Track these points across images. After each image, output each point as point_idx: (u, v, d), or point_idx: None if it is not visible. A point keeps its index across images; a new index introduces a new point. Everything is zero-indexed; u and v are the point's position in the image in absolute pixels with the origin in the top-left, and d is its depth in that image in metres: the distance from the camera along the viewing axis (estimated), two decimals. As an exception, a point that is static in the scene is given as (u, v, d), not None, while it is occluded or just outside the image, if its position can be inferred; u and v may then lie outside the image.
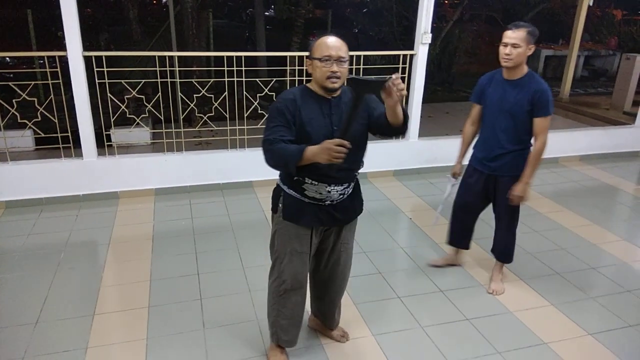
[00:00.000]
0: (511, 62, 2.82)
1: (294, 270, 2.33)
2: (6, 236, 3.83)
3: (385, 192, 4.89)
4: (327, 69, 2.03)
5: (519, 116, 2.89)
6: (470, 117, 3.25)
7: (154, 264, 3.49)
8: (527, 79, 2.88)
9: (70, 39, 4.06)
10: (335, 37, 2.07)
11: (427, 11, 4.82)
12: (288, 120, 2.06)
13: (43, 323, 2.83)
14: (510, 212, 3.13)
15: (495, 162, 3.03)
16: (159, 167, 4.66)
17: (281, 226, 2.29)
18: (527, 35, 2.78)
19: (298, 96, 2.11)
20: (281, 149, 2.02)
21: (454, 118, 7.89)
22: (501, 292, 3.23)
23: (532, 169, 2.93)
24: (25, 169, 4.32)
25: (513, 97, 2.88)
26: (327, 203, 2.23)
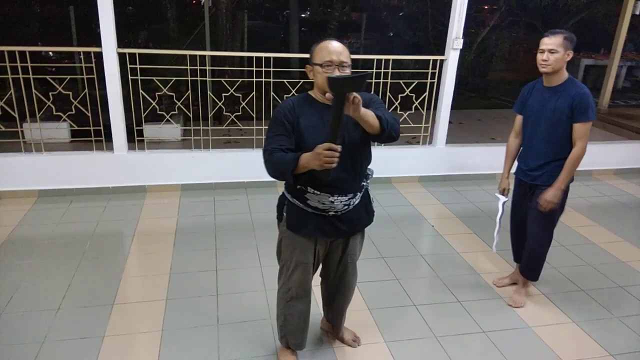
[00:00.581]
0: (549, 68, 2.77)
1: (299, 280, 2.32)
2: (37, 224, 3.97)
3: (408, 198, 4.84)
4: (329, 74, 1.95)
5: (559, 123, 2.82)
6: (514, 129, 3.17)
7: (174, 258, 3.55)
8: (567, 84, 2.82)
9: (105, 35, 4.19)
10: (336, 41, 2.03)
11: (459, 16, 4.76)
12: (287, 129, 2.04)
13: (64, 309, 2.92)
14: (542, 225, 3.01)
15: (536, 171, 2.95)
16: (186, 163, 4.75)
17: (285, 235, 2.28)
18: (564, 40, 2.73)
19: (297, 105, 2.08)
20: (278, 158, 1.99)
21: (485, 125, 7.75)
22: (520, 305, 3.14)
23: (567, 174, 2.83)
24: (58, 160, 4.47)
25: (553, 104, 2.82)
26: (331, 214, 2.18)
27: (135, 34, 10.94)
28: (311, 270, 2.34)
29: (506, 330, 2.93)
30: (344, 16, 12.27)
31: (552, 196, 2.85)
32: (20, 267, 3.33)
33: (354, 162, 2.13)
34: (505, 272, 3.55)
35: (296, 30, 10.79)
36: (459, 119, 7.92)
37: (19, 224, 3.94)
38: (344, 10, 12.96)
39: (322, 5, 9.87)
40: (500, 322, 3.00)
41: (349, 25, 12.87)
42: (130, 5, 11.99)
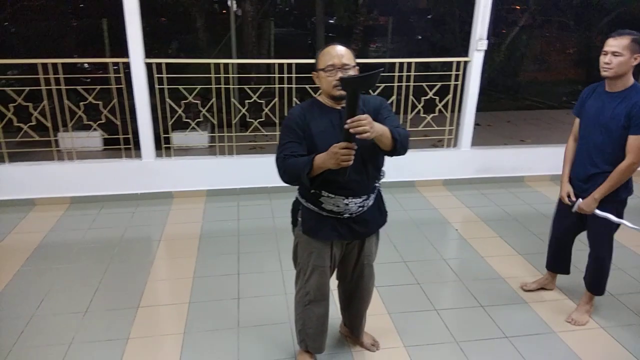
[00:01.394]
0: (611, 72, 2.57)
1: (316, 284, 2.34)
2: (68, 229, 4.12)
3: (432, 202, 4.79)
4: (333, 77, 2.01)
5: (614, 132, 2.62)
6: (573, 133, 2.97)
7: (198, 262, 3.62)
8: (630, 91, 2.60)
9: (133, 46, 4.33)
10: (339, 45, 2.06)
11: (482, 17, 4.70)
12: (299, 135, 2.07)
13: (92, 312, 3.02)
14: (598, 238, 2.89)
15: (588, 183, 2.78)
16: (211, 169, 4.85)
17: (301, 239, 2.31)
18: (631, 43, 2.51)
19: (307, 110, 2.11)
20: (292, 163, 2.03)
21: (515, 127, 7.59)
22: (581, 323, 2.96)
23: (608, 186, 2.66)
24: (89, 167, 4.64)
25: (611, 110, 2.63)
26: (346, 216, 2.20)
27: (167, 44, 11.26)
28: (328, 273, 2.35)
29: (530, 336, 2.86)
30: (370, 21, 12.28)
31: (586, 205, 2.75)
32: (52, 272, 3.46)
33: (366, 165, 2.14)
34: (530, 276, 3.47)
35: (322, 36, 10.85)
36: (488, 121, 7.80)
37: (52, 230, 4.10)
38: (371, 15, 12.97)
39: (347, 11, 9.90)
40: (524, 327, 2.93)
41: (375, 30, 12.86)
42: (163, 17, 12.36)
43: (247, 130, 5.06)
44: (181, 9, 10.39)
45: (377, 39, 12.34)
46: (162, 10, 11.18)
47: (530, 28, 11.37)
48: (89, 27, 10.25)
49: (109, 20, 8.45)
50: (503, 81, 10.98)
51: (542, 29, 12.09)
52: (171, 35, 11.62)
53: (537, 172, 5.30)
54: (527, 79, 11.23)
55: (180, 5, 10.04)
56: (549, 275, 3.29)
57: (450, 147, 5.24)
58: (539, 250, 3.69)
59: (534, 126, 7.73)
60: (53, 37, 9.60)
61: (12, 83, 6.66)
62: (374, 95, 2.23)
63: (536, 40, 11.10)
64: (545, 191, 5.08)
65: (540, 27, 12.11)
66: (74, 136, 4.68)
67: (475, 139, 5.27)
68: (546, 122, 8.05)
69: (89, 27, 10.25)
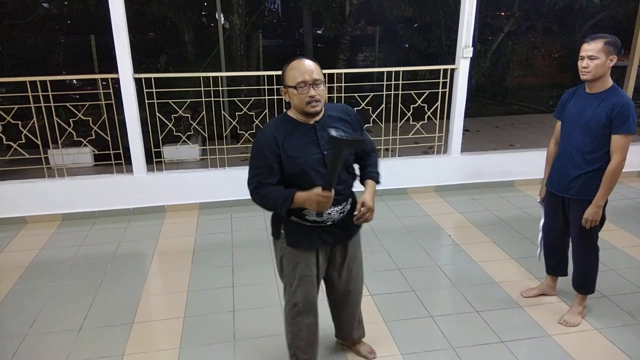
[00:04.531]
0: (589, 75, 2.67)
1: (304, 294, 2.34)
2: (60, 247, 4.09)
3: (425, 208, 4.82)
4: (305, 94, 2.00)
5: (595, 131, 2.69)
6: (554, 136, 3.06)
7: (192, 276, 3.61)
8: (609, 92, 2.70)
9: (121, 62, 4.33)
10: (306, 59, 2.05)
11: (468, 25, 4.77)
12: (270, 162, 2.06)
13: (86, 330, 2.99)
14: (581, 237, 2.91)
15: (569, 183, 2.84)
16: (203, 182, 4.84)
17: (285, 252, 2.30)
18: (604, 45, 2.62)
19: (278, 132, 2.07)
20: (269, 193, 2.06)
21: (504, 132, 7.66)
22: (574, 324, 2.98)
23: (604, 190, 2.71)
24: (80, 183, 4.61)
25: (592, 111, 2.71)
26: (329, 224, 2.23)
27: (156, 58, 11.27)
28: (315, 282, 2.36)
29: (526, 340, 2.88)
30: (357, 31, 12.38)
31: (591, 214, 2.76)
32: (44, 290, 3.43)
33: (348, 176, 2.23)
34: (524, 280, 3.50)
35: (311, 46, 10.92)
36: (477, 127, 7.87)
37: (43, 248, 4.07)
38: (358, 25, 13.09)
39: (334, 21, 9.99)
40: (519, 331, 2.95)
41: (363, 39, 12.97)
42: (151, 32, 12.38)
43: (238, 142, 5.07)
44: (169, 23, 10.41)
45: (364, 49, 12.43)
46: (150, 25, 11.21)
47: (516, 34, 11.52)
48: (77, 44, 10.25)
49: (97, 37, 8.46)
50: (490, 87, 11.08)
51: (527, 35, 12.26)
52: (160, 49, 11.63)
53: (527, 176, 5.35)
54: (514, 84, 11.33)
55: (167, 19, 10.06)
56: (550, 280, 3.29)
57: (441, 154, 5.28)
58: (532, 253, 3.71)
59: (523, 130, 7.81)
60: (41, 54, 9.59)
61: (1, 101, 6.63)
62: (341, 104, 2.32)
63: (522, 46, 11.20)
64: (536, 195, 5.03)
65: (525, 33, 12.28)
66: (64, 153, 4.67)
67: (465, 144, 5.32)
68: (534, 126, 8.14)
69: (77, 44, 10.25)
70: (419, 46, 11.03)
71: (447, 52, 9.95)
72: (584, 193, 2.79)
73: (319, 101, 2.03)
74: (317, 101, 2.02)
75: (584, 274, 3.00)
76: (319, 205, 1.99)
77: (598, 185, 2.74)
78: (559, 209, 2.99)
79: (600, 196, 2.73)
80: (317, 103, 2.02)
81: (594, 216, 2.77)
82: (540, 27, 12.46)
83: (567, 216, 2.97)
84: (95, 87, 8.94)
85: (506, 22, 10.50)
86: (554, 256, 3.19)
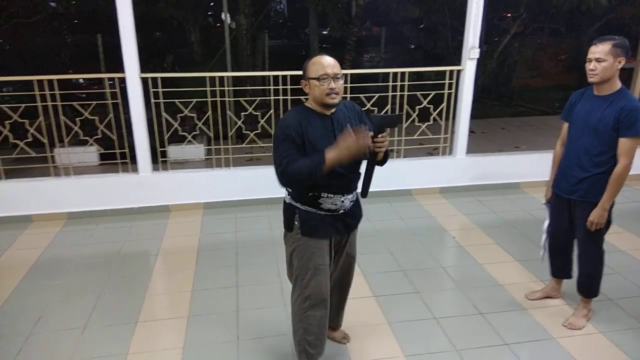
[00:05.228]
0: (597, 77, 2.66)
1: (318, 285, 2.36)
2: (65, 245, 4.11)
3: (429, 210, 4.80)
4: (326, 86, 2.13)
5: (603, 133, 2.67)
6: (561, 137, 3.03)
7: (196, 275, 3.62)
8: (617, 95, 2.68)
9: (128, 61, 4.35)
10: (328, 56, 2.19)
11: (474, 26, 4.75)
12: (297, 144, 2.16)
13: (90, 328, 3.01)
14: (587, 240, 2.89)
15: (576, 185, 2.82)
16: (208, 182, 4.86)
17: (300, 243, 2.35)
18: (612, 48, 2.60)
19: (302, 117, 2.20)
20: (299, 164, 2.11)
21: (509, 134, 7.64)
22: (578, 327, 2.97)
23: (610, 193, 2.69)
24: (85, 182, 4.64)
25: (600, 113, 2.69)
26: (341, 212, 2.36)
27: (162, 58, 11.32)
28: (328, 271, 2.41)
29: (530, 342, 2.87)
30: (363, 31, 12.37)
31: (596, 216, 2.74)
32: (49, 288, 3.45)
33: (358, 166, 2.36)
34: (529, 283, 3.48)
35: (316, 47, 10.92)
36: (482, 128, 7.85)
37: (49, 246, 4.09)
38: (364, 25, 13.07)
39: (340, 22, 9.98)
40: (523, 333, 2.94)
41: (368, 40, 12.96)
42: (158, 32, 12.44)
43: (243, 142, 5.08)
44: (176, 24, 10.46)
45: (370, 49, 12.43)
46: (157, 25, 11.26)
47: (522, 35, 11.47)
48: (84, 43, 10.31)
49: (103, 36, 8.50)
50: (496, 88, 11.05)
51: (533, 36, 12.21)
52: (166, 49, 11.68)
53: (533, 178, 5.33)
54: (520, 85, 11.30)
55: (174, 19, 10.12)
56: (555, 282, 3.27)
57: (446, 155, 5.27)
58: (537, 256, 3.69)
59: (528, 132, 7.78)
60: (48, 53, 9.65)
61: (8, 100, 6.67)
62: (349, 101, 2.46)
63: (528, 47, 11.18)
64: (542, 197, 5.00)
65: (531, 34, 12.23)
66: (70, 152, 4.69)
67: (470, 146, 5.30)
68: (540, 128, 8.10)
69: (84, 43, 10.31)
70: (424, 47, 11.02)
71: (453, 53, 9.94)
72: (591, 195, 2.77)
73: (337, 94, 2.16)
74: (336, 93, 2.15)
75: (589, 277, 2.98)
76: (352, 148, 2.03)
77: (605, 188, 2.72)
78: (564, 211, 2.97)
79: (606, 199, 2.71)
80: (336, 95, 2.16)
81: (599, 219, 2.75)
82: (547, 28, 12.42)
83: (572, 218, 2.95)
84: (101, 86, 8.98)
85: (513, 23, 10.46)
86: (559, 259, 3.17)
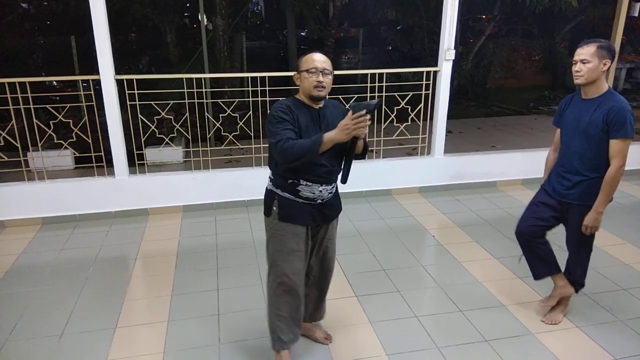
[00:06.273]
0: (582, 79, 2.65)
1: (291, 269, 2.46)
2: (41, 251, 4.02)
3: (409, 209, 4.85)
4: (314, 79, 2.28)
5: (593, 137, 2.67)
6: (554, 143, 3.01)
7: (176, 279, 3.57)
8: (605, 97, 2.67)
9: (102, 63, 4.28)
10: (320, 53, 2.34)
11: (450, 28, 4.82)
12: (292, 122, 2.28)
13: (67, 335, 2.94)
14: (579, 243, 2.93)
15: (570, 189, 2.81)
16: (187, 184, 4.80)
17: (277, 228, 2.45)
18: (597, 49, 2.59)
19: (292, 105, 2.34)
20: (297, 143, 2.18)
21: (485, 134, 7.76)
22: (557, 322, 3.02)
23: (604, 196, 2.68)
24: (60, 187, 4.54)
25: (588, 117, 2.68)
26: (319, 202, 2.45)
27: (138, 60, 11.16)
28: (304, 258, 2.50)
29: (509, 338, 2.91)
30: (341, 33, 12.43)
31: (591, 220, 2.75)
32: (25, 295, 3.37)
33: (339, 157, 2.44)
34: (507, 280, 3.54)
35: (294, 48, 10.92)
36: (459, 128, 7.96)
37: (23, 252, 3.99)
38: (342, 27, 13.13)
39: (318, 23, 10.01)
40: (502, 330, 2.99)
41: (346, 41, 13.02)
42: (133, 33, 12.25)
43: (222, 144, 5.04)
44: (151, 24, 10.31)
45: (348, 51, 12.50)
46: (132, 25, 11.09)
47: (497, 37, 11.69)
48: (56, 45, 10.09)
49: (77, 37, 8.34)
50: (472, 89, 11.22)
51: (508, 37, 12.45)
52: (141, 50, 11.52)
53: (509, 177, 5.43)
54: (495, 86, 11.50)
55: (149, 20, 9.97)
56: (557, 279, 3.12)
57: (424, 155, 5.32)
58: (514, 253, 3.74)
59: (504, 132, 7.92)
60: (20, 55, 9.42)
61: (-22, 103, 6.49)
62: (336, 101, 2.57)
63: (503, 48, 11.39)
64: (518, 195, 5.19)
65: (506, 36, 12.46)
66: (44, 155, 4.59)
67: (448, 146, 5.37)
68: (515, 128, 8.26)
69: (56, 45, 10.09)
70: (402, 48, 11.12)
71: (430, 54, 10.05)
72: (586, 199, 2.77)
73: (324, 87, 2.30)
74: (322, 87, 2.29)
75: (579, 277, 3.04)
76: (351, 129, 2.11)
77: (598, 190, 2.72)
78: (550, 210, 2.95)
79: (600, 202, 2.71)
80: (322, 89, 2.29)
81: (594, 222, 2.75)
82: (521, 30, 12.67)
83: (560, 220, 2.95)
84: (75, 88, 8.81)
85: (487, 25, 10.64)
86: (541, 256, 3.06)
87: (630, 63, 11.99)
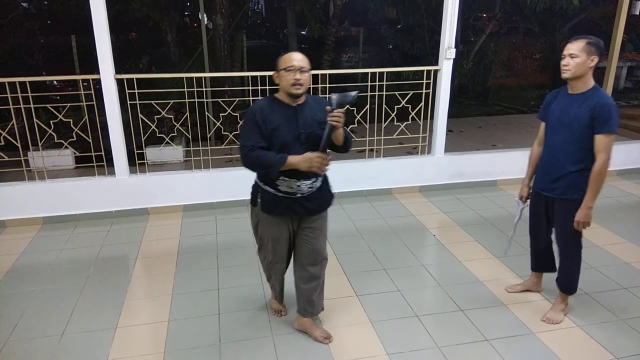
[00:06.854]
0: (569, 73, 2.70)
1: (276, 251, 2.74)
2: (41, 251, 4.02)
3: (409, 208, 4.84)
4: (292, 76, 2.38)
5: (577, 131, 2.72)
6: (538, 137, 3.06)
7: (177, 279, 3.58)
8: (591, 93, 2.72)
9: (103, 62, 4.28)
10: (297, 52, 2.45)
11: (450, 26, 4.81)
12: (260, 127, 2.41)
13: (68, 335, 2.94)
14: (566, 238, 2.94)
15: (554, 183, 2.86)
16: (187, 184, 4.80)
17: (261, 217, 2.67)
18: (586, 45, 2.65)
19: (265, 106, 2.47)
20: (262, 156, 2.39)
21: (486, 132, 7.75)
22: (557, 321, 3.03)
23: (592, 191, 2.72)
24: (61, 186, 4.54)
25: (574, 111, 2.73)
26: (299, 196, 2.55)
27: (138, 59, 11.14)
28: (286, 244, 2.72)
29: (510, 338, 2.91)
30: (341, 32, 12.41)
31: (582, 216, 2.77)
32: (25, 295, 3.37)
33: None
34: (508, 279, 3.54)
35: (295, 47, 10.91)
36: (460, 127, 7.94)
37: (24, 252, 3.99)
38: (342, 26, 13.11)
39: (318, 22, 9.99)
40: (503, 329, 2.98)
41: (347, 40, 13.02)
42: (133, 32, 12.23)
43: (222, 143, 5.04)
44: (151, 24, 10.29)
45: (349, 49, 12.47)
46: (132, 25, 11.07)
47: (497, 35, 11.67)
48: (57, 44, 10.09)
49: (77, 37, 8.34)
50: (473, 88, 11.21)
51: (508, 36, 12.42)
52: (142, 50, 11.50)
53: (510, 176, 5.42)
54: (496, 84, 11.48)
55: (150, 19, 9.95)
56: (535, 277, 3.33)
57: (425, 154, 5.32)
58: (515, 252, 3.76)
59: (505, 131, 7.91)
60: (20, 54, 9.42)
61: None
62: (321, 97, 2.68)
63: (503, 47, 11.36)
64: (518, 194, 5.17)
65: (507, 34, 12.44)
66: (44, 155, 4.59)
67: (449, 145, 5.36)
68: (516, 127, 8.24)
69: (57, 44, 10.09)
70: (402, 47, 11.11)
71: (430, 53, 10.04)
72: (570, 193, 2.81)
73: (302, 85, 2.40)
74: (300, 84, 2.39)
75: (568, 274, 3.03)
76: (314, 165, 2.35)
77: (583, 185, 2.75)
78: (541, 209, 3.02)
79: (589, 197, 2.74)
80: (300, 86, 2.40)
81: (585, 218, 2.78)
82: (522, 28, 12.64)
83: (549, 216, 3.00)
84: (76, 88, 8.81)
85: (488, 23, 10.62)
86: (541, 255, 3.22)
87: (631, 61, 11.95)
